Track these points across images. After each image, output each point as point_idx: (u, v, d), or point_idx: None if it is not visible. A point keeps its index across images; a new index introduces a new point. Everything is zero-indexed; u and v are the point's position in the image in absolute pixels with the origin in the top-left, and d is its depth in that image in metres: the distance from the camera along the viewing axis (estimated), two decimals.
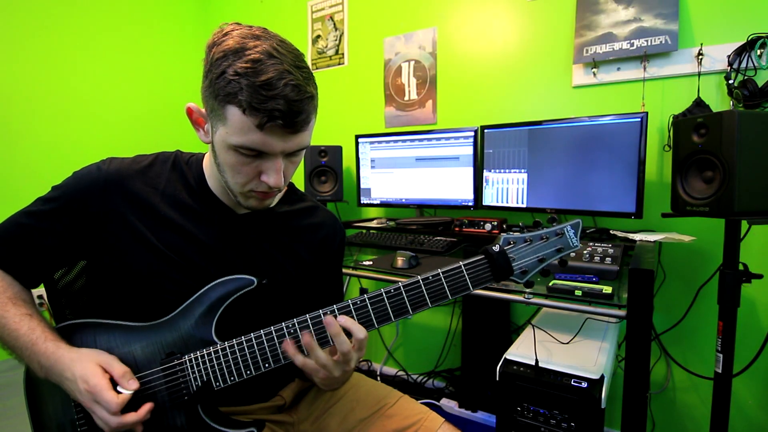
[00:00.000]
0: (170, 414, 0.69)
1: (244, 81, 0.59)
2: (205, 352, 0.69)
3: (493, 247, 0.69)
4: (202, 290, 0.72)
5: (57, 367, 0.65)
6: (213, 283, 0.72)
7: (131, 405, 0.64)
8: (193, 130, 0.72)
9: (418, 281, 0.68)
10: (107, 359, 0.67)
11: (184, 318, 0.71)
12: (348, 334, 0.66)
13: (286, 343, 0.67)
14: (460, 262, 0.68)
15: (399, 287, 0.68)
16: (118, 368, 0.66)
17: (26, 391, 0.73)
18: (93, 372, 0.63)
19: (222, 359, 0.69)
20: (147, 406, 0.65)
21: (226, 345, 0.70)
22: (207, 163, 0.78)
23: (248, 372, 0.69)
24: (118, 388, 0.64)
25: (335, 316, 0.67)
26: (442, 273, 0.68)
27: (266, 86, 0.59)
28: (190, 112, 0.69)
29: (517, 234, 0.70)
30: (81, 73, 2.16)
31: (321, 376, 0.68)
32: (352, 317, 0.67)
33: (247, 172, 0.67)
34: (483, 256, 0.69)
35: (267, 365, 0.69)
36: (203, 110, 0.68)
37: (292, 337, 0.68)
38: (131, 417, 0.63)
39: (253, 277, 0.73)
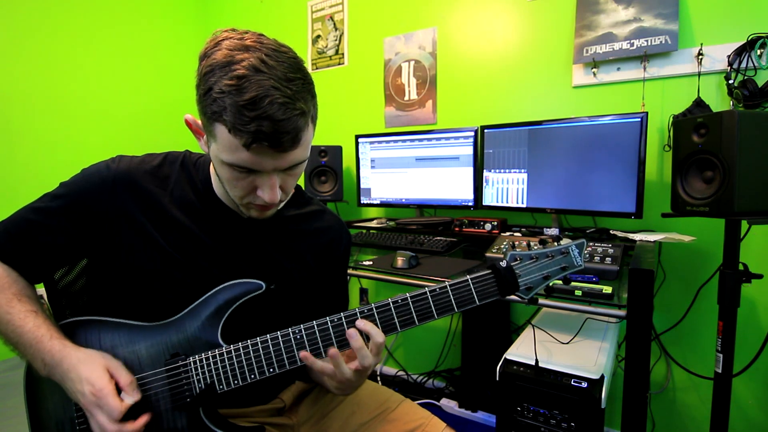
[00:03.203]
0: (171, 416, 0.69)
1: (228, 100, 0.57)
2: (210, 354, 0.69)
3: (501, 263, 0.70)
4: (210, 293, 0.72)
5: (62, 366, 0.64)
6: (221, 286, 0.72)
7: (129, 413, 0.64)
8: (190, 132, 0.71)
9: (425, 293, 0.68)
10: (115, 365, 0.66)
11: (190, 320, 0.71)
12: (365, 338, 0.66)
13: (305, 353, 0.67)
14: (467, 276, 0.68)
15: (406, 298, 0.68)
16: (125, 376, 0.66)
17: (26, 388, 0.73)
18: (100, 375, 0.63)
19: (227, 362, 0.69)
20: (144, 418, 0.65)
21: (232, 348, 0.69)
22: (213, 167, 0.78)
23: (252, 376, 0.69)
24: (122, 395, 0.64)
25: (355, 323, 0.67)
26: (450, 286, 0.68)
27: (249, 106, 0.56)
28: (188, 123, 0.69)
29: (523, 251, 0.71)
30: (81, 73, 2.16)
31: (337, 380, 0.68)
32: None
33: (243, 186, 0.66)
34: (490, 271, 0.69)
35: (272, 370, 0.69)
36: (199, 122, 0.67)
37: (299, 345, 0.68)
38: (129, 426, 0.63)
39: (261, 282, 0.73)
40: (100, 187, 0.71)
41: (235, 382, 0.69)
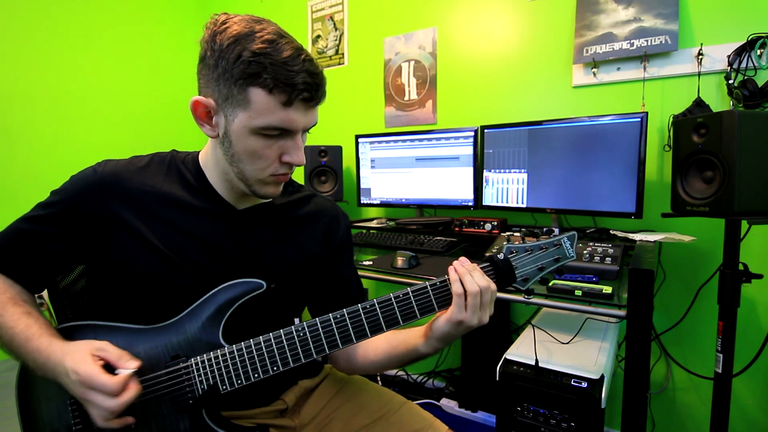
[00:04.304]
0: (174, 418, 0.68)
1: (267, 60, 0.61)
2: (212, 355, 0.69)
3: (498, 255, 0.72)
4: (210, 293, 0.72)
5: (50, 363, 0.64)
6: (221, 286, 0.72)
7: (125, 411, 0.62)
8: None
9: (425, 287, 0.69)
10: (99, 345, 0.64)
11: (190, 321, 0.71)
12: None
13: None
14: None
15: (407, 292, 0.69)
16: (114, 351, 0.64)
17: (18, 396, 0.72)
18: (83, 360, 0.61)
19: (230, 362, 0.69)
20: (134, 386, 0.62)
21: (234, 348, 0.69)
22: (205, 160, 0.77)
23: (256, 375, 0.68)
24: (117, 370, 0.62)
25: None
26: (449, 278, 0.69)
27: (291, 61, 0.61)
28: (196, 105, 0.68)
29: (518, 244, 0.73)
30: (80, 73, 2.16)
31: (464, 315, 0.68)
32: (362, 322, 0.68)
33: (269, 155, 0.68)
34: (488, 263, 0.71)
35: (275, 368, 0.68)
36: (211, 101, 0.66)
37: (303, 343, 0.68)
38: (127, 395, 0.61)
39: (262, 281, 0.72)
40: (88, 191, 0.71)
41: (239, 381, 0.68)
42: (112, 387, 0.60)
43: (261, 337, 0.69)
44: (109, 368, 0.63)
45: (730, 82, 1.35)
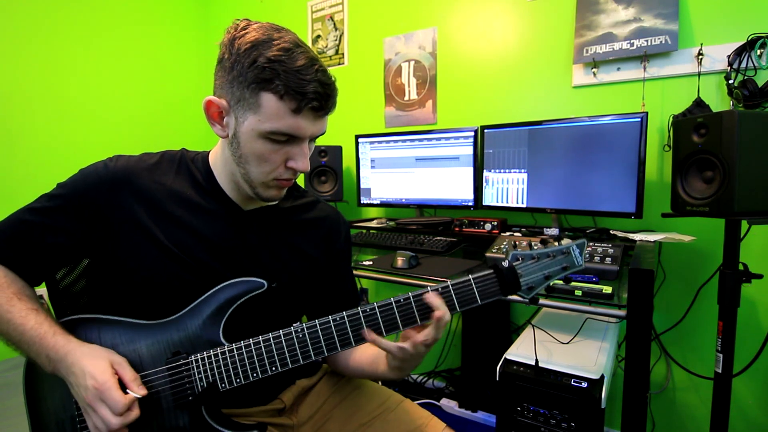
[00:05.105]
0: (173, 414, 0.69)
1: (280, 67, 0.62)
2: (212, 352, 0.69)
3: (503, 263, 0.70)
4: (211, 291, 0.72)
5: (67, 360, 0.64)
6: (222, 284, 0.72)
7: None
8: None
9: (427, 292, 0.68)
10: (119, 360, 0.66)
11: (191, 318, 0.71)
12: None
13: (371, 334, 0.67)
14: (470, 276, 0.69)
15: (408, 297, 0.68)
16: (129, 372, 0.66)
17: (25, 388, 0.73)
18: (104, 369, 0.63)
19: (229, 361, 0.69)
20: (137, 412, 0.64)
21: (234, 347, 0.69)
22: (214, 160, 0.78)
23: (255, 375, 0.69)
24: (128, 390, 0.64)
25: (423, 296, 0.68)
26: (452, 285, 0.68)
27: (304, 71, 0.63)
28: (209, 105, 0.69)
29: (525, 251, 0.71)
30: (81, 73, 2.16)
31: (401, 357, 0.69)
32: (361, 326, 0.68)
33: (275, 159, 0.69)
34: (492, 271, 0.69)
35: (274, 368, 0.69)
36: (224, 102, 0.68)
37: (302, 344, 0.69)
38: (129, 417, 0.62)
39: (263, 280, 0.73)
40: (98, 185, 0.71)
41: (237, 380, 0.69)
42: (121, 407, 0.61)
43: (260, 336, 0.69)
44: (121, 385, 0.64)
45: (730, 82, 1.35)
